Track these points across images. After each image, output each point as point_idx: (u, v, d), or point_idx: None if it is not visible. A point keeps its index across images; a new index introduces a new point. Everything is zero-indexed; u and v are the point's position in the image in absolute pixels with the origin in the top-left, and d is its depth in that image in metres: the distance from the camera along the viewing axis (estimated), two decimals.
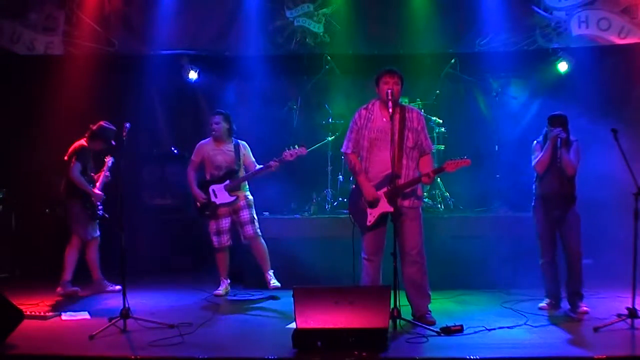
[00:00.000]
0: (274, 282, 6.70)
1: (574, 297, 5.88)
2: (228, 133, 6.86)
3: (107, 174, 6.99)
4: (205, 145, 6.90)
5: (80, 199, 6.77)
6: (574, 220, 5.88)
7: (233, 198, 6.70)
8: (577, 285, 5.89)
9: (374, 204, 5.47)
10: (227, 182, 6.72)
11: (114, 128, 6.83)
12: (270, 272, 6.76)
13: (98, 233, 6.98)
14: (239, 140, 6.88)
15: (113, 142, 6.86)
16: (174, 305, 6.44)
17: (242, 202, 6.74)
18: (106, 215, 6.89)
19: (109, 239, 6.57)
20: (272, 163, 6.58)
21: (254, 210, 6.80)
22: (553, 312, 5.89)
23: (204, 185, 6.80)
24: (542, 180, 5.98)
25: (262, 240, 6.77)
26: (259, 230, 6.76)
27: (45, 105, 8.13)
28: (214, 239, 6.80)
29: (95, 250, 6.97)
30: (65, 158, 6.86)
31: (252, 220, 6.73)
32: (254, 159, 6.83)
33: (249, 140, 7.07)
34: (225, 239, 6.79)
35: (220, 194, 6.72)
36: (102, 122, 6.92)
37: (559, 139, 5.75)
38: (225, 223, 6.79)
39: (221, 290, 6.85)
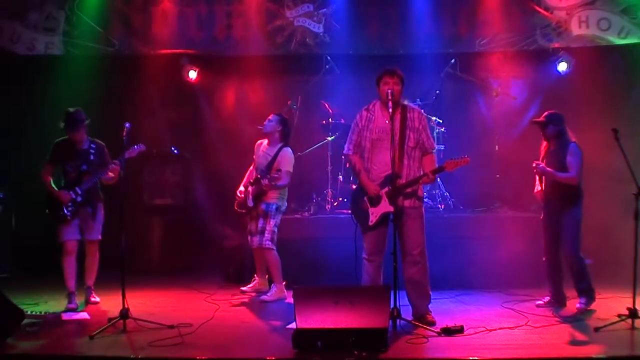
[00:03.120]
0: (265, 296, 6.57)
1: (578, 294, 5.91)
2: (279, 136, 6.70)
3: (112, 167, 6.22)
4: (258, 145, 6.85)
5: (47, 200, 6.31)
6: (569, 223, 5.90)
7: (252, 204, 6.64)
8: (576, 284, 5.93)
9: (376, 200, 5.46)
10: (253, 187, 6.66)
11: (70, 110, 6.27)
12: (274, 285, 6.60)
13: (70, 237, 6.27)
14: (287, 148, 6.66)
15: (78, 124, 6.23)
16: (174, 305, 6.43)
17: (260, 210, 6.62)
18: (68, 217, 6.20)
19: (108, 239, 6.56)
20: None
21: (271, 220, 6.55)
22: (552, 310, 5.90)
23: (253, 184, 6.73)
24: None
25: (270, 254, 6.55)
26: (266, 243, 6.51)
27: (45, 105, 8.13)
28: (248, 237, 6.78)
29: (66, 257, 6.29)
30: None
31: (260, 231, 6.54)
32: (285, 169, 6.53)
33: (249, 141, 7.05)
34: (253, 241, 6.67)
35: (248, 197, 6.69)
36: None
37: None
38: (252, 225, 6.69)
39: (248, 287, 6.89)
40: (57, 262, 6.49)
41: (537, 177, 6.09)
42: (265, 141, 6.82)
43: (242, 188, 6.82)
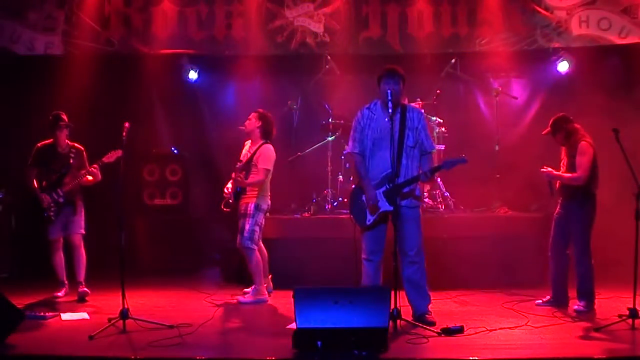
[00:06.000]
0: (242, 298, 6.52)
1: (578, 296, 5.90)
2: (259, 133, 6.62)
3: (91, 171, 6.54)
4: (243, 146, 6.80)
5: (33, 202, 6.66)
6: (575, 223, 5.89)
7: (231, 201, 6.59)
8: (577, 285, 5.90)
9: (373, 209, 5.46)
10: (232, 185, 6.63)
11: (57, 113, 6.74)
12: (254, 287, 6.49)
13: (55, 235, 6.69)
14: (267, 145, 6.56)
15: (62, 127, 6.64)
16: (174, 305, 6.43)
17: (241, 210, 6.56)
18: (52, 217, 6.59)
19: (108, 238, 6.58)
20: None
21: (250, 219, 6.43)
22: (552, 310, 5.90)
23: None
24: None
25: (249, 253, 6.42)
26: (245, 242, 6.39)
27: (45, 105, 8.11)
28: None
29: (54, 253, 6.74)
30: None
31: (240, 231, 6.46)
32: (262, 165, 6.45)
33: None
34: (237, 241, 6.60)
35: (230, 195, 6.66)
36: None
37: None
38: (239, 224, 6.60)
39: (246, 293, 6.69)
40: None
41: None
42: (249, 141, 6.76)
43: (227, 187, 6.74)
